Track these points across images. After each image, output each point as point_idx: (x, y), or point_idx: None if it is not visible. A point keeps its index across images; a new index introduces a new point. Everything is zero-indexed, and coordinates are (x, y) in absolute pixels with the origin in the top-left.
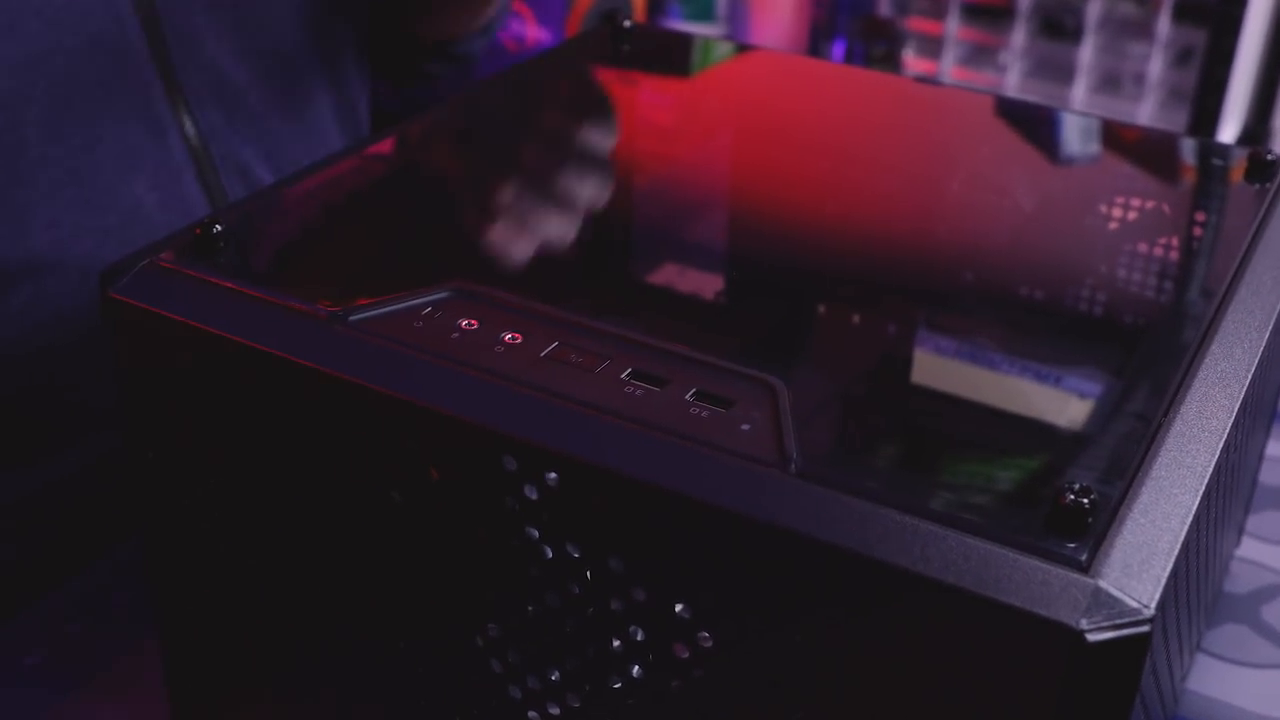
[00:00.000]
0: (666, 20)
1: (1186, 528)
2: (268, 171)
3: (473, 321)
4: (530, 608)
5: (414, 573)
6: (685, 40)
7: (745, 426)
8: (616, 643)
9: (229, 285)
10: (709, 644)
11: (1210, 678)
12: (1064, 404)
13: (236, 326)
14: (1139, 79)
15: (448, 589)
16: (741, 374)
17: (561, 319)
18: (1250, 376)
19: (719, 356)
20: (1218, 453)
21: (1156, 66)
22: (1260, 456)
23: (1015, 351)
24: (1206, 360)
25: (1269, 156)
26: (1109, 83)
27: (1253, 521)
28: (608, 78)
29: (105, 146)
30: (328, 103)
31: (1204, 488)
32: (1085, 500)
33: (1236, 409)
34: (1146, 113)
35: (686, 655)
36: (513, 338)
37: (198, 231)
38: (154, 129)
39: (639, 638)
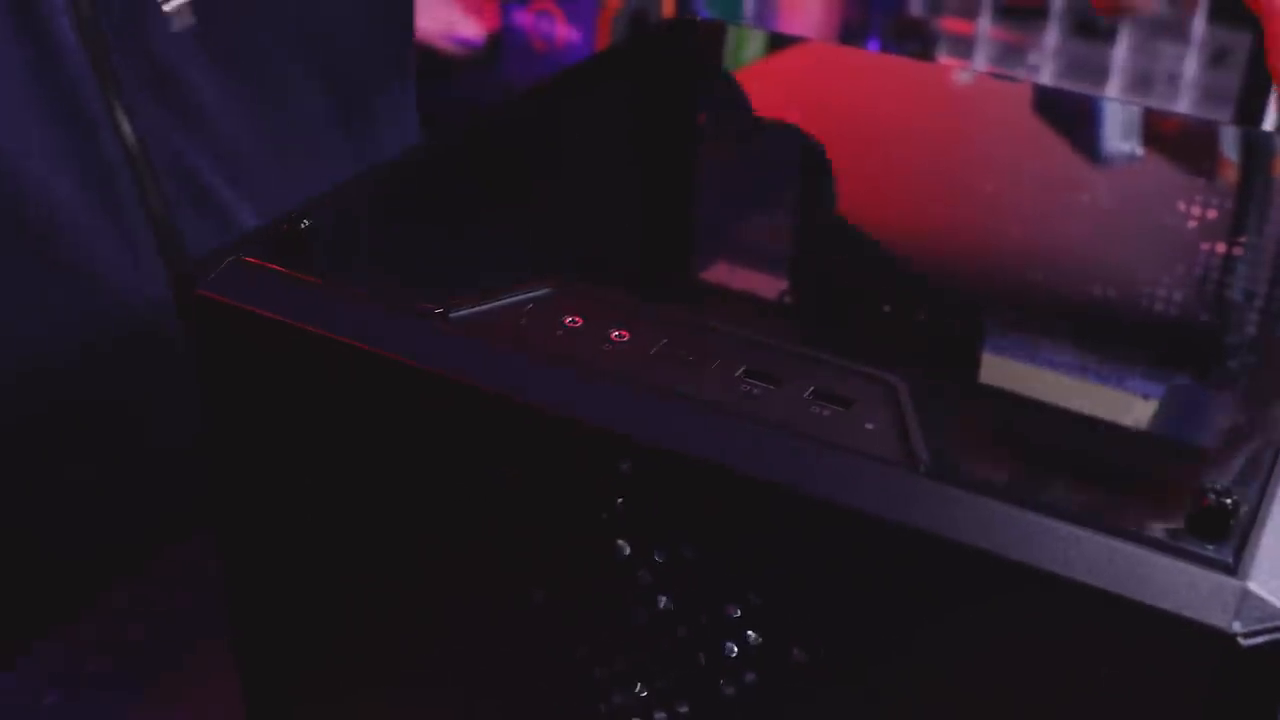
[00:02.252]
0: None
1: None
2: (223, 180)
3: (577, 319)
4: (640, 613)
5: (514, 575)
6: (757, 37)
7: (869, 426)
8: (732, 649)
9: (323, 282)
10: (831, 649)
11: None
12: (1188, 407)
13: (334, 324)
14: (1173, 79)
15: (551, 592)
16: (858, 372)
17: (667, 316)
18: None
19: (834, 355)
20: None
21: (1191, 67)
22: None
23: (1122, 352)
24: None
25: None
26: (1142, 83)
27: None
28: (688, 72)
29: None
30: (318, 111)
31: None
32: (1228, 501)
33: None
34: (1181, 113)
35: (805, 661)
36: (619, 335)
37: (285, 227)
38: (84, 128)
39: (755, 643)
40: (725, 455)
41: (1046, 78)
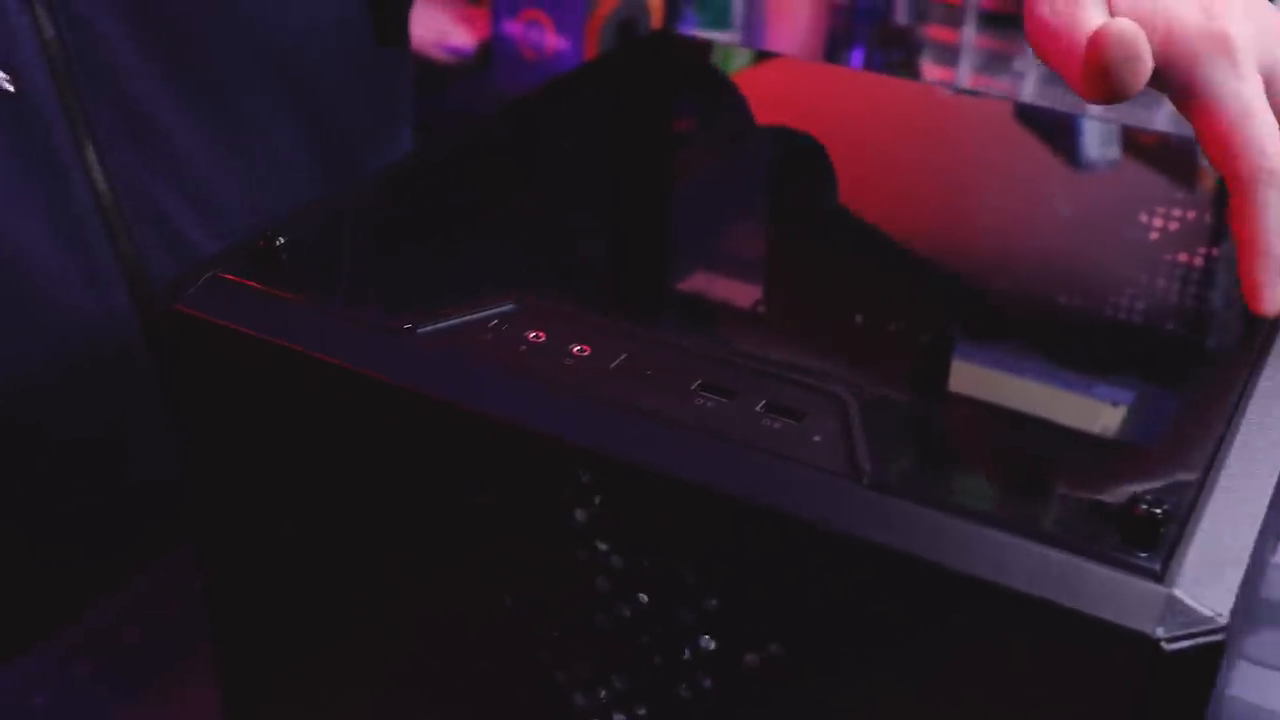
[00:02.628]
0: (682, 27)
1: (1255, 536)
2: (192, 219)
3: (540, 334)
4: (599, 616)
5: (480, 581)
6: (723, 51)
7: (816, 438)
8: (687, 653)
9: (296, 298)
10: (781, 654)
11: (1251, 684)
12: (1127, 417)
13: (306, 339)
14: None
15: (514, 598)
16: (810, 386)
17: (628, 331)
18: None
19: (788, 369)
20: None
21: None
22: None
23: (1073, 362)
24: (1266, 370)
25: None
26: None
27: None
28: (656, 89)
29: None
30: (296, 140)
31: (1269, 496)
32: (1158, 510)
33: None
34: (1161, 120)
35: (758, 666)
36: (581, 350)
37: (260, 244)
38: (53, 171)
39: (710, 648)
40: (678, 467)
41: (1031, 84)
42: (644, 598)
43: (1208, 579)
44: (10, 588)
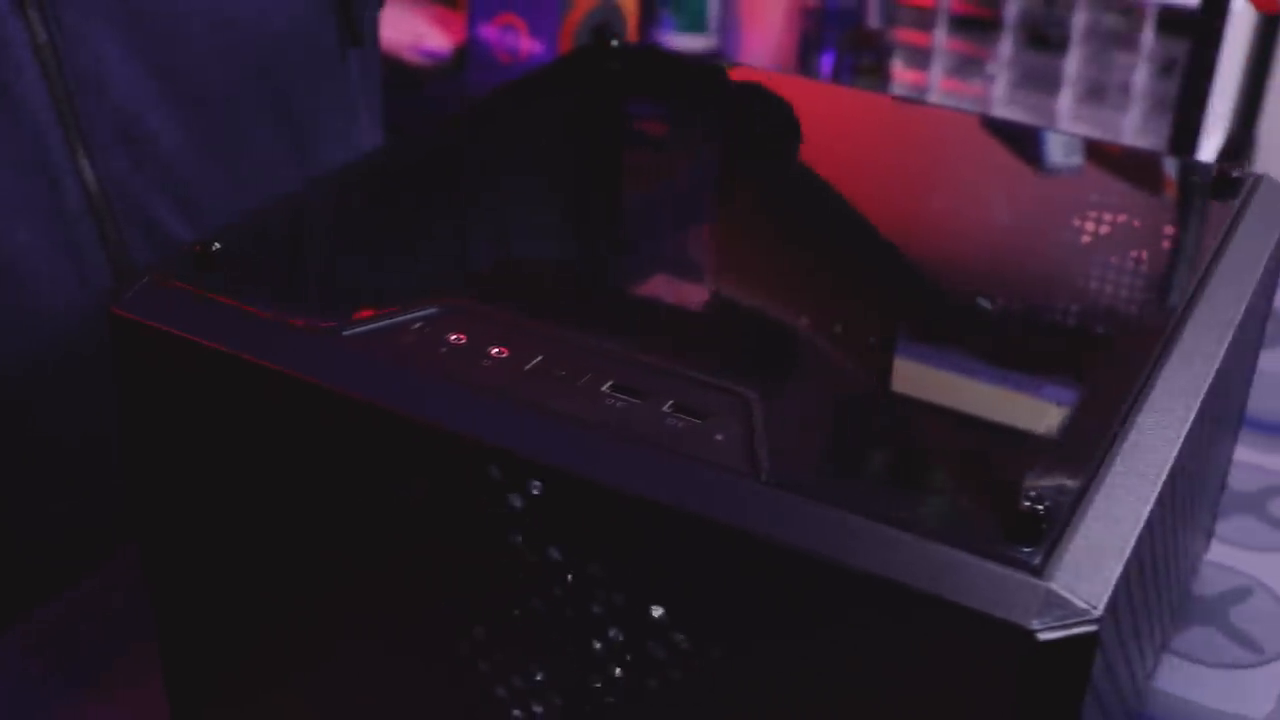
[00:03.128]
0: (659, 31)
1: (1138, 533)
2: (180, 221)
3: (461, 336)
4: (515, 611)
5: (405, 577)
6: (671, 58)
7: (719, 437)
8: (597, 644)
9: (227, 301)
10: (685, 646)
11: (1178, 678)
12: (1029, 412)
13: (233, 341)
14: (1124, 89)
15: (438, 592)
16: (717, 386)
17: (547, 334)
18: (1207, 388)
19: (697, 370)
20: (1172, 461)
21: (1141, 77)
22: (1227, 462)
23: (982, 360)
24: (1165, 371)
25: (1235, 174)
26: (1095, 93)
27: (1223, 526)
28: (595, 96)
29: None
30: (274, 141)
31: (1157, 495)
32: (1040, 507)
33: (1192, 419)
34: (1132, 122)
35: (663, 656)
36: (499, 352)
37: (197, 249)
38: (48, 176)
39: (618, 639)
40: (585, 466)
41: (1001, 87)
42: (556, 591)
43: (1086, 573)
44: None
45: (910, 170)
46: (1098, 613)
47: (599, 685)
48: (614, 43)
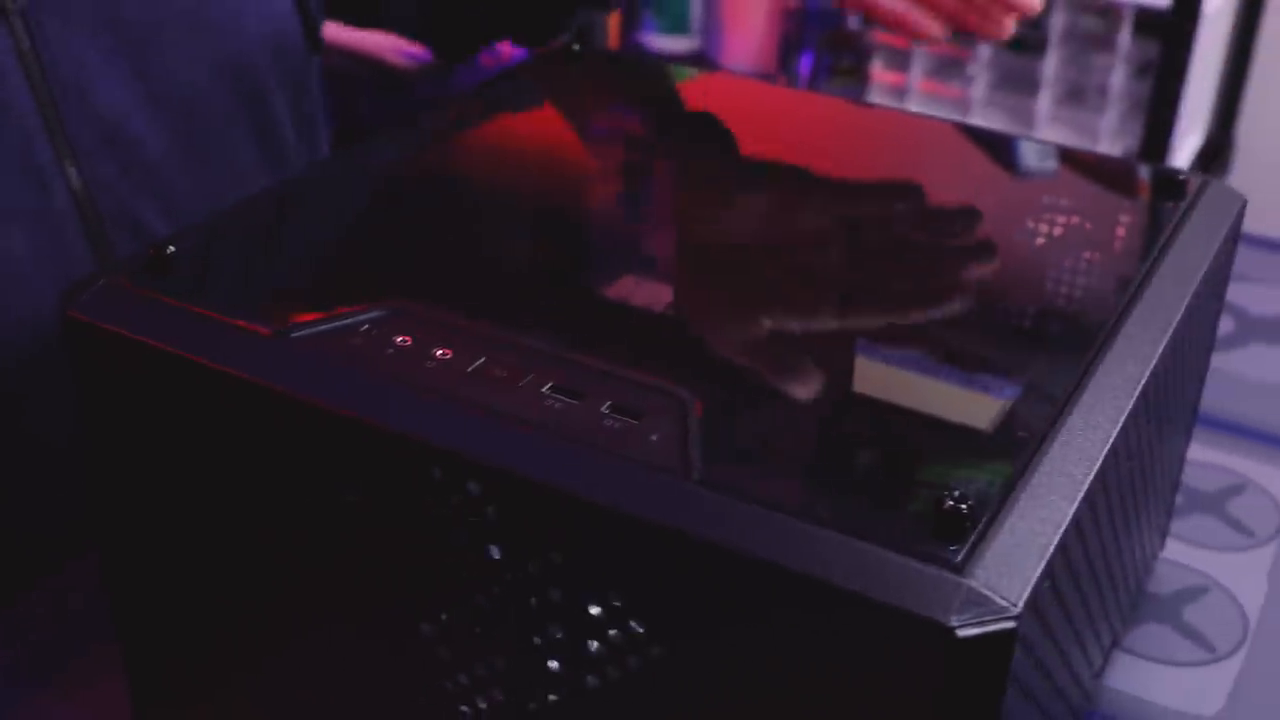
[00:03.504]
0: (641, 33)
1: (1062, 532)
2: (165, 225)
3: (407, 338)
4: (458, 607)
5: (355, 575)
6: (632, 63)
7: (654, 437)
8: (537, 640)
9: (179, 304)
10: (621, 642)
11: (1130, 675)
12: (963, 411)
13: (184, 343)
14: (1102, 90)
15: (386, 590)
16: (654, 387)
17: (490, 336)
18: (1141, 387)
19: (636, 371)
20: (1100, 460)
21: (1119, 78)
22: (1180, 461)
23: (921, 358)
24: (1099, 371)
25: (1179, 177)
26: (1073, 94)
27: (1183, 525)
28: (554, 102)
29: None
30: (247, 145)
31: (1083, 494)
32: (963, 507)
33: (1124, 418)
34: (1109, 124)
35: (601, 652)
36: (443, 354)
37: (152, 252)
38: (35, 180)
39: (558, 636)
40: (522, 465)
41: (980, 89)
42: (497, 589)
43: (1006, 572)
44: None
45: (859, 172)
46: (1017, 610)
47: (540, 680)
48: (575, 48)
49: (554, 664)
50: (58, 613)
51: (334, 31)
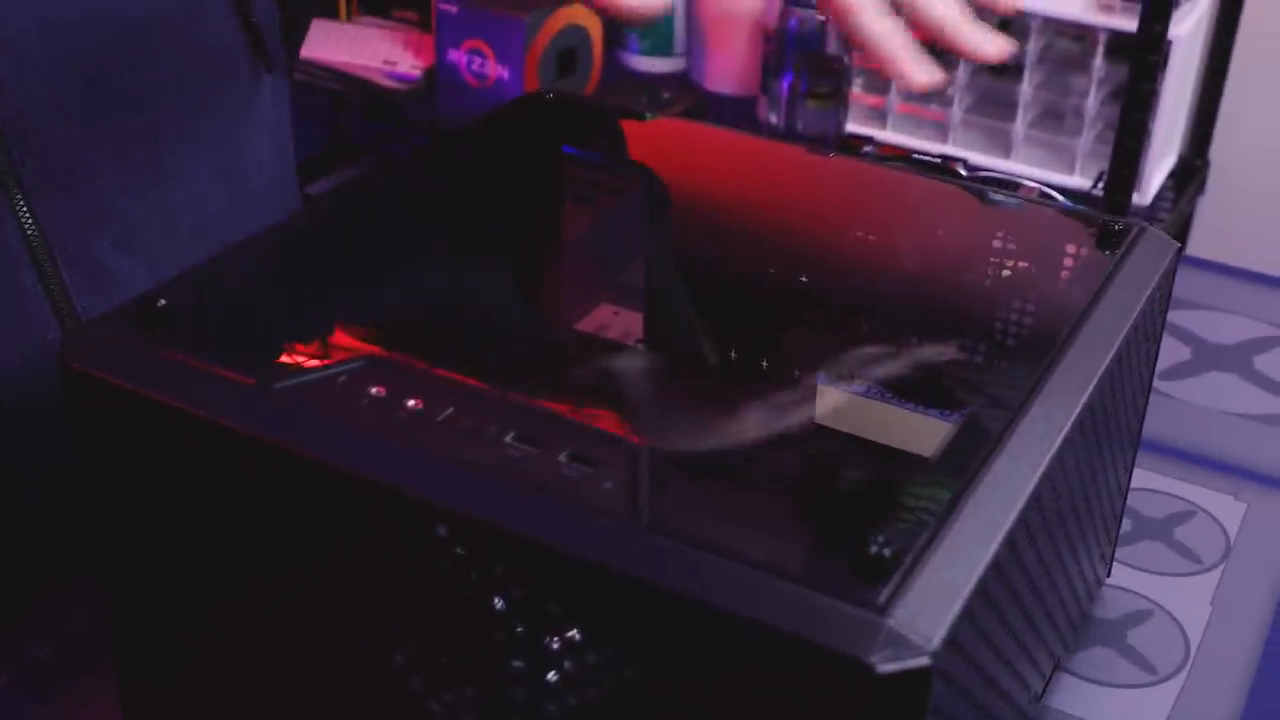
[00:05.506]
0: (626, 55)
1: (980, 574)
2: (120, 256)
3: (381, 389)
4: (430, 639)
5: (335, 609)
6: (599, 112)
7: (608, 485)
8: (502, 668)
9: (169, 355)
10: (575, 674)
11: (1073, 696)
12: (896, 454)
13: (171, 392)
14: (1078, 113)
15: (363, 623)
16: (609, 438)
17: (459, 387)
18: (1066, 432)
19: (592, 421)
20: (1022, 503)
21: (1094, 102)
22: (1122, 492)
23: (862, 401)
24: (1028, 414)
25: (1116, 226)
26: (1050, 116)
27: (1130, 551)
28: (522, 153)
29: None
30: (206, 172)
31: (1003, 537)
32: (886, 551)
33: (1048, 462)
34: (1084, 146)
35: (558, 683)
36: (415, 404)
37: (143, 305)
38: None
39: (520, 668)
40: (484, 510)
41: (959, 111)
42: (463, 623)
43: (924, 611)
44: None
45: (819, 218)
46: (932, 647)
47: (506, 706)
48: (548, 95)
49: (518, 692)
50: (57, 633)
51: None
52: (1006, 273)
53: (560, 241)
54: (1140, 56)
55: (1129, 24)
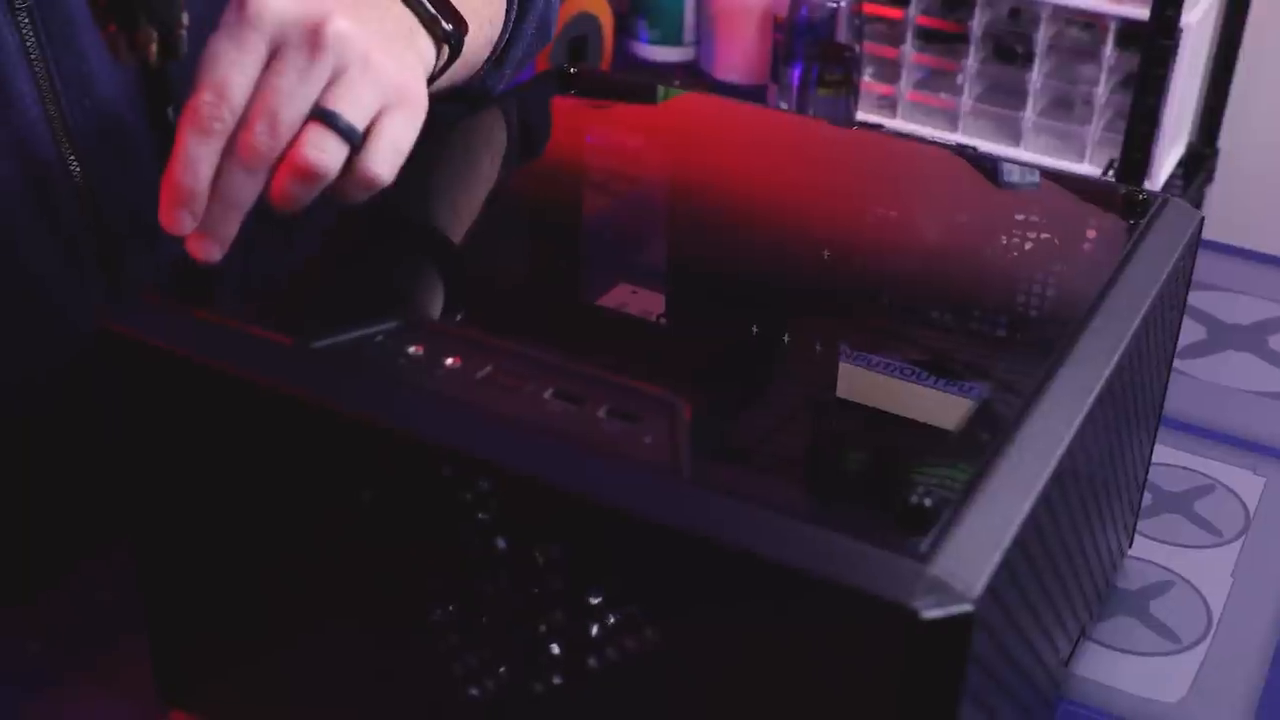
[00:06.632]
0: (635, 44)
1: (1018, 526)
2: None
3: (419, 348)
4: (467, 595)
5: (372, 566)
6: (629, 83)
7: (648, 439)
8: (542, 626)
9: (210, 317)
10: (617, 627)
11: (1097, 663)
12: (933, 413)
13: (212, 353)
14: (1087, 101)
15: (400, 580)
16: (648, 394)
17: (497, 346)
18: (1097, 393)
19: (631, 378)
20: (1056, 460)
21: (1103, 90)
22: (1145, 463)
23: (895, 364)
24: (1058, 377)
25: (1141, 196)
26: (1059, 105)
27: (1152, 524)
28: (555, 121)
29: None
30: None
31: (1040, 491)
32: (928, 502)
33: (1079, 421)
34: (1094, 134)
35: (599, 637)
36: (453, 362)
37: (185, 268)
38: (39, 173)
39: (560, 621)
40: (526, 464)
41: (968, 100)
42: (504, 577)
43: (966, 561)
44: None
45: (845, 191)
46: (975, 594)
47: (545, 663)
48: (572, 70)
49: (557, 648)
50: (86, 605)
51: None
52: (1036, 242)
53: (590, 209)
54: (1153, 41)
55: (1139, 12)
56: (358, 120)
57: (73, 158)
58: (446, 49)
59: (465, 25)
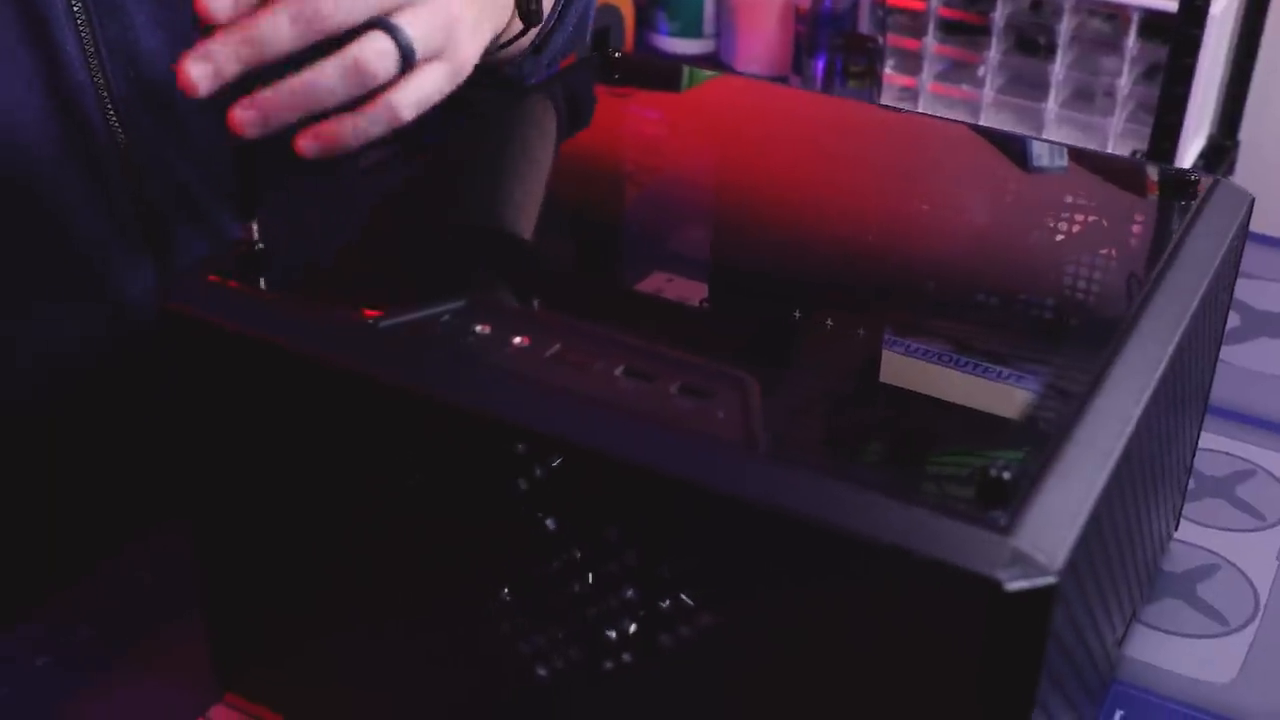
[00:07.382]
0: (656, 36)
1: (1094, 501)
2: (194, 174)
3: (486, 327)
4: (539, 572)
5: (441, 545)
6: (671, 67)
7: (720, 415)
8: (613, 603)
9: (273, 296)
10: (690, 603)
11: (1147, 646)
12: (1001, 395)
13: (278, 332)
14: (1110, 92)
15: (470, 558)
16: (719, 371)
17: (564, 324)
18: (1160, 373)
19: (702, 356)
20: (1126, 438)
21: (1126, 81)
22: (1193, 445)
23: (961, 349)
24: (1121, 360)
25: (1191, 177)
26: (1081, 96)
27: (1195, 508)
28: (600, 105)
29: None
30: None
31: (1111, 468)
32: (1006, 474)
33: (1146, 400)
34: (1116, 125)
35: (671, 613)
36: (521, 341)
37: (242, 248)
38: (81, 135)
39: (632, 598)
40: (600, 440)
41: (990, 91)
42: (576, 554)
43: (1047, 533)
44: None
45: (894, 174)
46: (1057, 567)
47: (615, 640)
48: (616, 54)
49: (629, 625)
50: (128, 590)
51: None
52: (1091, 224)
53: (647, 191)
54: (1182, 30)
55: (1161, 3)
56: (419, 48)
57: (119, 127)
58: (518, 26)
59: (542, 12)
